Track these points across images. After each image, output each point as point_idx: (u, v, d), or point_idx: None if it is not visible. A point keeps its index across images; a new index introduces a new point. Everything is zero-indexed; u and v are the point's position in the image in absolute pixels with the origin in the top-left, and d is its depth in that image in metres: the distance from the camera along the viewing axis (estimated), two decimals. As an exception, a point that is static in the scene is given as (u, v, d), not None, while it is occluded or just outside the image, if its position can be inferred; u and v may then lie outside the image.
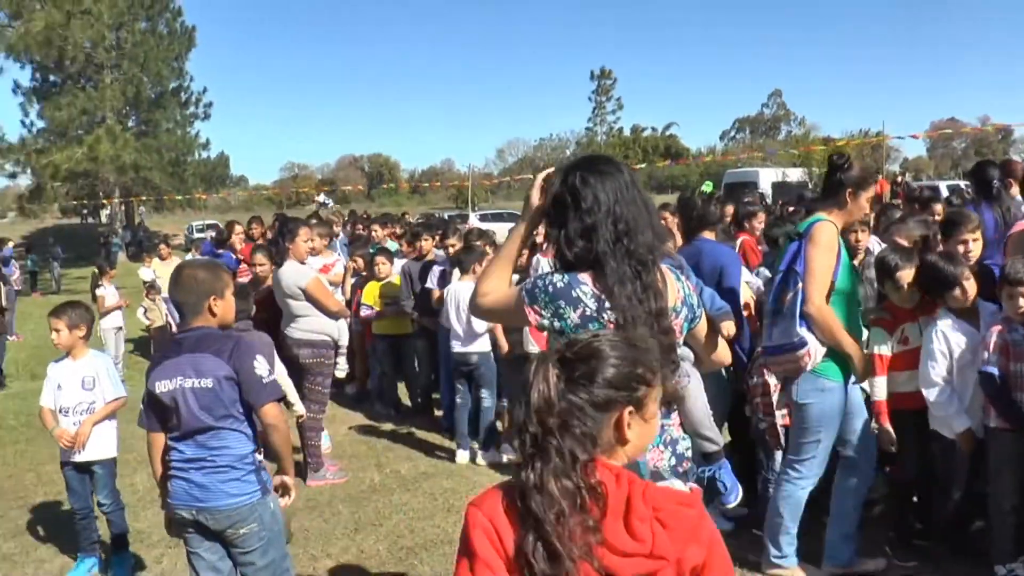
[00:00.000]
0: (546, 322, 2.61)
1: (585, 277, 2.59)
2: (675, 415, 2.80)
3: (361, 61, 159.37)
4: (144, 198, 45.40)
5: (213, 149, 48.37)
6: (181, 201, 47.80)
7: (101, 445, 5.17)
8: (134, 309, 13.44)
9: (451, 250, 8.11)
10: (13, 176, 34.83)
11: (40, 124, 40.65)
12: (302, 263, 6.92)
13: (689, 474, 2.82)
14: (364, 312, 8.50)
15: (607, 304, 2.55)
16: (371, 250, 9.47)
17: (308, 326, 6.71)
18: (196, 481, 3.44)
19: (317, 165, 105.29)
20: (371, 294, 8.47)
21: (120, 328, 11.86)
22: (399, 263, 8.73)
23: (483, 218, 35.75)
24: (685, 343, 2.90)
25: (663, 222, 4.14)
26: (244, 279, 9.91)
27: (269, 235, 11.56)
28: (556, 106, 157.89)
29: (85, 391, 5.13)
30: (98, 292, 11.91)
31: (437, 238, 8.89)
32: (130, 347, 13.92)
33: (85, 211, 55.56)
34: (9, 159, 30.41)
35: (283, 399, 4.69)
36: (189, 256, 12.16)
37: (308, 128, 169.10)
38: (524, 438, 1.81)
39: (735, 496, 4.53)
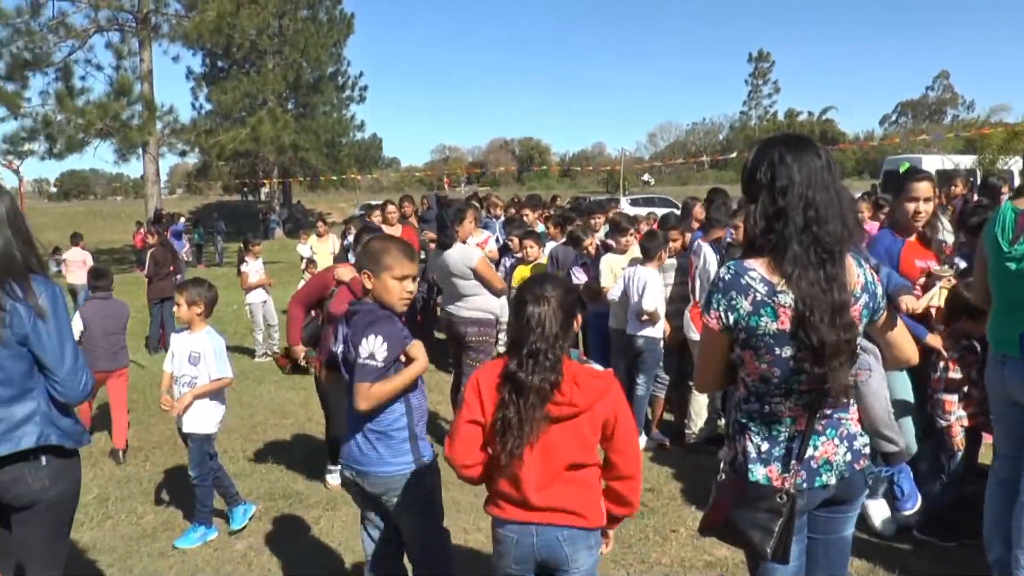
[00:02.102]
0: (724, 321, 2.60)
1: (754, 263, 2.57)
2: (853, 409, 2.72)
3: (513, 44, 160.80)
4: (300, 178, 47.08)
5: (367, 131, 49.90)
6: (335, 181, 49.33)
7: (198, 420, 5.38)
8: (293, 284, 13.96)
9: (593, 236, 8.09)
10: (183, 155, 36.76)
11: (208, 107, 42.97)
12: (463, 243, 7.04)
13: (866, 472, 2.73)
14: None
15: (779, 288, 2.50)
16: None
17: (475, 304, 6.84)
18: (359, 444, 3.54)
19: (468, 148, 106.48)
20: (520, 276, 8.54)
21: (265, 301, 12.15)
22: (549, 246, 8.78)
23: (634, 203, 35.52)
24: (868, 336, 2.79)
25: (859, 213, 3.96)
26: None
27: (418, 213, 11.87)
28: (710, 90, 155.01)
29: (190, 365, 5.39)
30: (242, 268, 12.34)
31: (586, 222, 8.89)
32: (284, 320, 14.46)
33: (246, 189, 58.04)
34: (181, 139, 32.10)
35: None
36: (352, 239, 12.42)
37: (460, 111, 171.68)
38: (535, 344, 2.80)
39: (912, 504, 4.55)
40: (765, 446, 2.63)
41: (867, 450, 2.73)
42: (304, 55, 42.22)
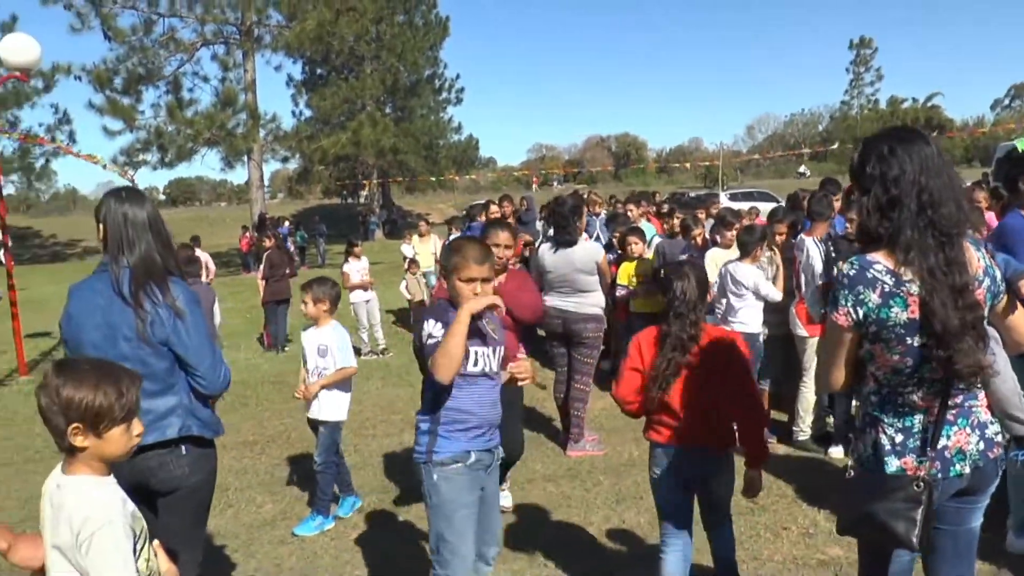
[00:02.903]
0: (853, 316, 2.60)
1: (876, 256, 2.58)
2: (982, 396, 2.70)
3: (608, 41, 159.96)
4: (399, 180, 47.83)
5: (464, 132, 50.41)
6: (433, 183, 49.98)
7: (328, 407, 5.68)
8: (395, 284, 14.27)
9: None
10: (285, 160, 37.97)
11: (308, 113, 44.07)
12: None
13: (999, 461, 2.70)
14: (619, 291, 8.58)
15: (905, 278, 2.51)
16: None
17: (594, 301, 6.89)
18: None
19: (564, 146, 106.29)
20: (625, 273, 8.55)
21: (368, 301, 12.43)
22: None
23: (733, 197, 35.01)
24: (987, 321, 2.75)
25: (977, 202, 4.01)
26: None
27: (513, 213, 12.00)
28: (809, 79, 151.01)
29: (319, 357, 5.72)
30: (344, 268, 12.63)
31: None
32: (391, 319, 14.79)
33: (345, 192, 59.22)
34: (283, 145, 33.07)
35: None
36: (454, 237, 12.63)
37: (556, 109, 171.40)
38: (680, 309, 3.76)
39: None
40: (899, 438, 2.64)
41: (999, 438, 2.71)
42: (401, 59, 43.03)
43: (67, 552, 2.20)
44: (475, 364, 3.49)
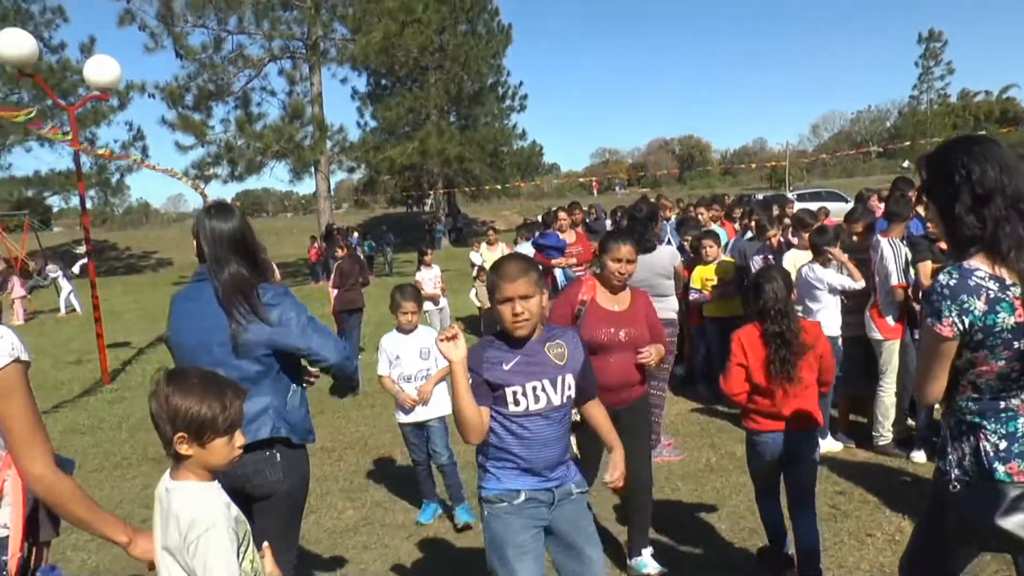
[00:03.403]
0: (959, 326, 2.57)
1: (974, 262, 2.57)
2: None
3: (670, 43, 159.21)
4: (464, 188, 48.16)
5: (527, 139, 50.56)
6: (497, 190, 50.23)
7: (438, 405, 5.85)
8: (464, 291, 14.38)
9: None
10: (351, 171, 38.54)
11: (372, 124, 44.63)
12: None
13: None
14: (693, 295, 8.52)
15: (1009, 282, 2.52)
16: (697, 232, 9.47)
17: (670, 305, 6.87)
18: None
19: (628, 150, 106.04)
20: (699, 277, 8.47)
21: (442, 308, 12.56)
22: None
23: (800, 197, 34.50)
24: None
25: None
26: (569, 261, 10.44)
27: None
28: (876, 75, 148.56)
29: (422, 360, 5.87)
30: (417, 277, 12.76)
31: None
32: (461, 326, 14.88)
33: (410, 201, 59.73)
34: (350, 156, 33.60)
35: None
36: (522, 245, 12.65)
37: (618, 113, 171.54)
38: (776, 308, 4.31)
39: None
40: (1003, 444, 2.60)
41: None
42: (465, 68, 43.38)
43: (176, 553, 2.29)
44: (516, 404, 3.14)
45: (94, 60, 12.25)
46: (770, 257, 8.00)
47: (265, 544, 2.58)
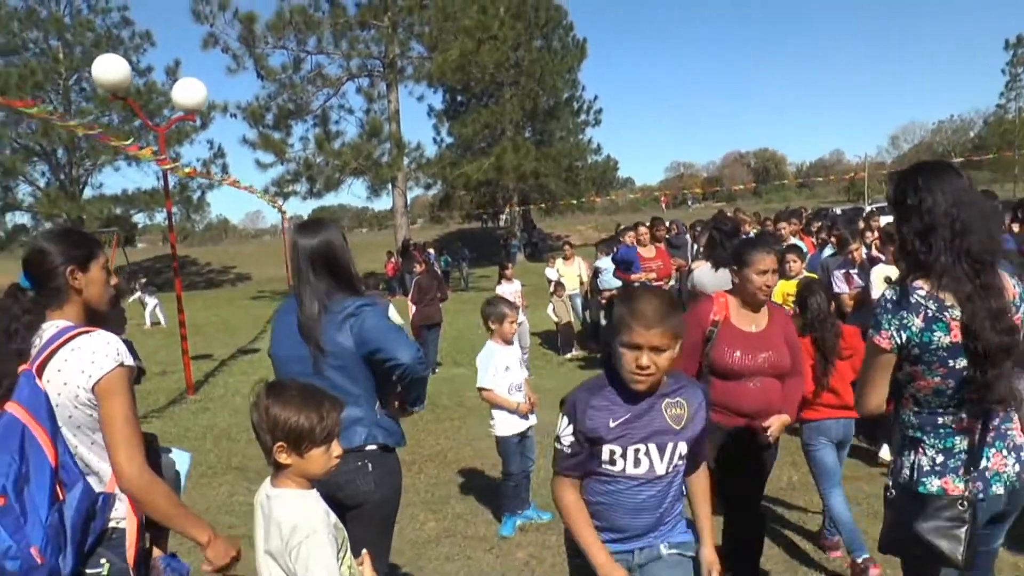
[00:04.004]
0: (896, 339, 2.71)
1: (919, 282, 2.69)
2: (1016, 419, 2.79)
3: (744, 55, 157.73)
4: (540, 203, 48.30)
5: (602, 153, 50.59)
6: (572, 204, 50.26)
7: (532, 414, 6.09)
8: (540, 306, 14.43)
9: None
10: (428, 187, 39.06)
11: (448, 140, 45.15)
12: None
13: None
14: (775, 311, 8.39)
15: (947, 303, 2.63)
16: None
17: None
18: None
19: (703, 163, 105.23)
20: (780, 292, 8.32)
21: (521, 323, 12.62)
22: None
23: (880, 210, 33.81)
24: None
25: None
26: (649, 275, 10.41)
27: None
28: (959, 84, 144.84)
29: (521, 370, 6.09)
30: (497, 291, 12.83)
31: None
32: (537, 340, 14.93)
33: (485, 216, 60.06)
34: (427, 172, 34.11)
35: None
36: (602, 260, 12.65)
37: (693, 127, 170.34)
38: (823, 318, 4.89)
39: None
40: (940, 459, 2.74)
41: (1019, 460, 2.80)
42: (540, 83, 43.65)
43: (278, 557, 2.37)
44: (612, 463, 2.76)
45: (182, 83, 12.63)
46: (853, 272, 7.87)
47: (364, 552, 2.65)
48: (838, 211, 31.53)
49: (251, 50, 30.18)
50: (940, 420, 2.74)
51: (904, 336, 2.68)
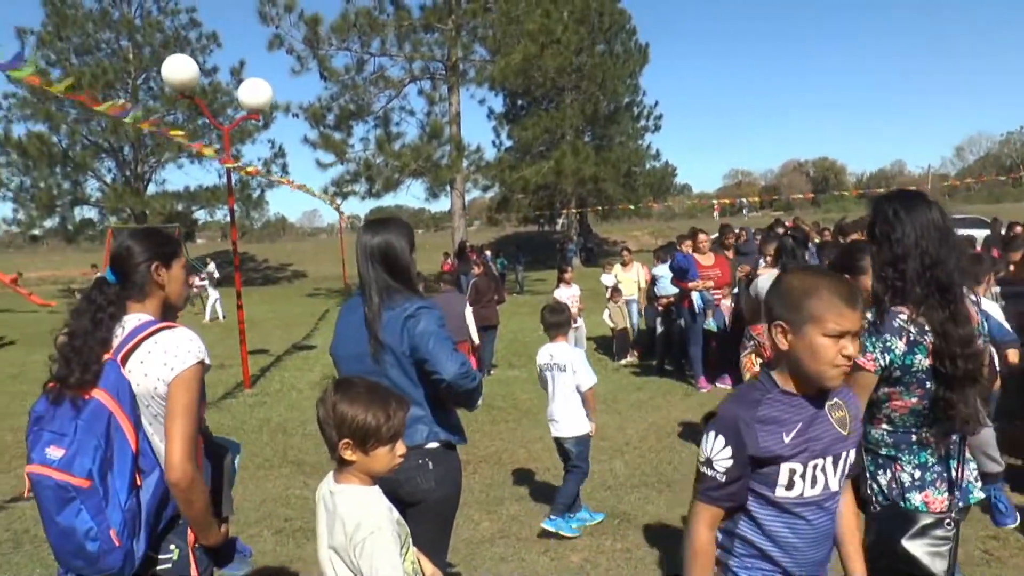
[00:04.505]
0: (880, 362, 2.81)
1: (899, 308, 2.83)
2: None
3: (805, 62, 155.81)
4: (597, 208, 48.19)
5: (661, 159, 50.41)
6: (629, 210, 50.09)
7: None
8: (595, 311, 14.40)
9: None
10: (486, 189, 39.23)
11: (507, 143, 45.31)
12: None
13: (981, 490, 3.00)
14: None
15: (926, 328, 2.77)
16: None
17: None
18: None
19: (760, 171, 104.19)
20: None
21: (577, 328, 12.64)
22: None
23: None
24: None
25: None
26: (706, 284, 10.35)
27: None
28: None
29: None
30: (555, 294, 12.83)
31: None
32: (592, 346, 14.90)
33: (542, 220, 60.07)
34: (485, 175, 34.26)
35: None
36: (660, 267, 12.60)
37: (752, 134, 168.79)
38: None
39: (1011, 520, 4.99)
40: (918, 474, 2.86)
41: (976, 472, 3.04)
42: (601, 88, 43.57)
43: (342, 553, 2.40)
44: (789, 487, 2.33)
45: (248, 83, 12.85)
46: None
47: (415, 549, 2.68)
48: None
49: (315, 51, 30.51)
50: (914, 438, 2.87)
51: (888, 358, 2.79)
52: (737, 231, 13.78)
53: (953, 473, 2.84)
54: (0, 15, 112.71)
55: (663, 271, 12.17)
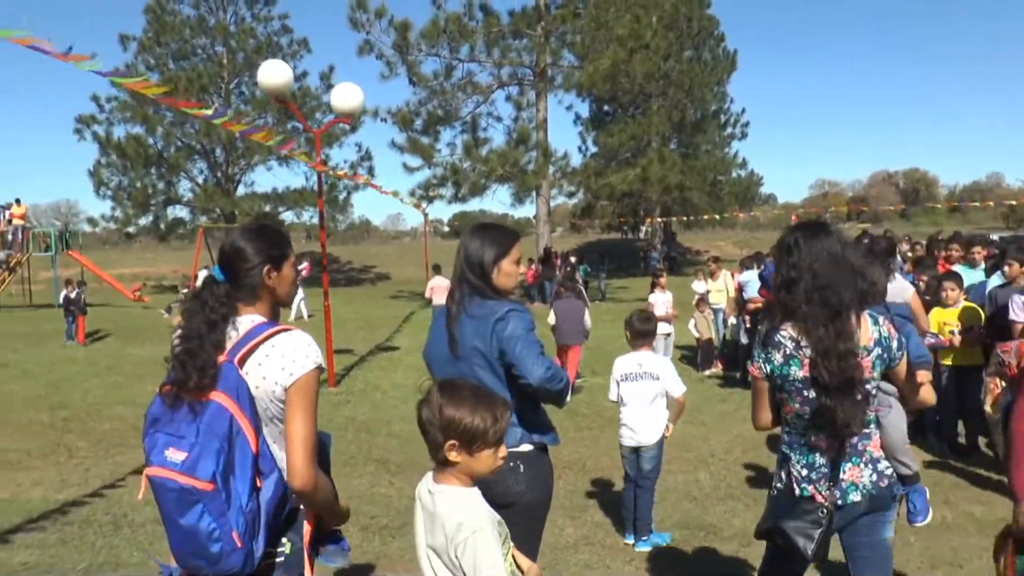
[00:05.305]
0: (764, 370, 3.25)
1: (785, 326, 3.19)
2: (876, 438, 3.28)
3: (896, 70, 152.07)
4: (682, 216, 47.77)
5: (747, 168, 49.74)
6: (714, 219, 49.52)
7: None
8: (683, 319, 14.27)
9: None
10: (571, 195, 39.23)
11: (592, 149, 45.22)
12: None
13: (893, 488, 3.26)
14: (929, 340, 8.00)
15: (803, 343, 3.12)
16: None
17: None
18: None
19: (848, 182, 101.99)
20: (936, 321, 7.97)
21: (669, 334, 12.54)
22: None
23: (1047, 239, 32.00)
24: (889, 380, 3.41)
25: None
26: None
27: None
28: None
29: None
30: (650, 299, 12.75)
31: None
32: (678, 355, 14.76)
33: (626, 228, 59.71)
34: (571, 181, 34.31)
35: None
36: (746, 274, 12.45)
37: (840, 143, 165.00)
38: None
39: (922, 519, 5.47)
40: (805, 472, 3.24)
41: (890, 471, 3.27)
42: (688, 95, 43.23)
43: (441, 552, 2.43)
44: None
45: (340, 87, 13.10)
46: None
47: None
48: (994, 237, 30.03)
49: (404, 57, 30.97)
50: (803, 440, 3.24)
51: (768, 368, 3.22)
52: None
53: (842, 474, 3.18)
54: (106, 22, 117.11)
55: (750, 276, 12.08)
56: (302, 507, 2.72)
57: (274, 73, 12.22)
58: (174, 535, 2.52)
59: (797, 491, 3.22)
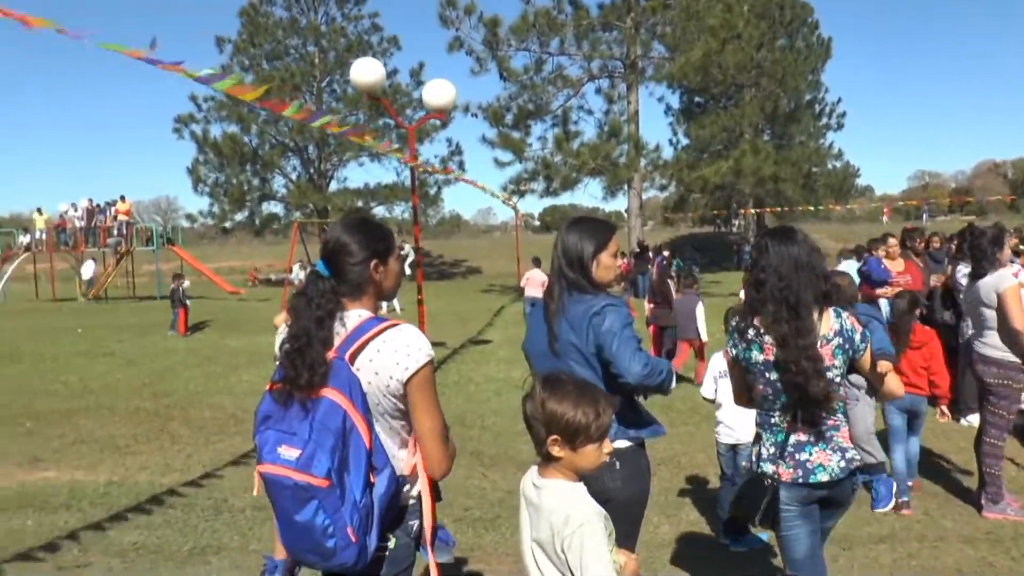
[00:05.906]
0: (732, 353, 3.67)
1: (754, 319, 3.50)
2: (844, 428, 3.51)
3: (1001, 54, 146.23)
4: (776, 209, 46.95)
5: (842, 159, 48.61)
6: (808, 212, 48.55)
7: None
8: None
9: None
10: (663, 188, 38.96)
11: (684, 141, 44.75)
12: None
13: (854, 480, 3.54)
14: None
15: (762, 331, 3.44)
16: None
17: (996, 342, 6.16)
18: None
19: (950, 173, 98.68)
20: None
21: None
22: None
23: None
24: (858, 373, 3.64)
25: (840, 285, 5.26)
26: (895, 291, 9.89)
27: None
28: None
29: None
30: (741, 295, 12.58)
31: None
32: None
33: (718, 221, 58.96)
34: (663, 174, 34.05)
35: None
36: (844, 264, 12.20)
37: (941, 132, 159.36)
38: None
39: (884, 505, 6.19)
40: (774, 450, 3.50)
41: (857, 461, 3.51)
42: (782, 85, 42.40)
43: (546, 546, 2.44)
44: None
45: (432, 84, 13.21)
46: None
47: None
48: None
49: (494, 52, 31.12)
50: (772, 420, 3.52)
51: (735, 352, 3.60)
52: (927, 236, 13.11)
53: (809, 456, 3.42)
54: (202, 25, 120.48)
55: (849, 267, 11.83)
56: (410, 503, 2.75)
57: (367, 71, 12.40)
58: (288, 530, 2.55)
59: (759, 468, 3.53)
